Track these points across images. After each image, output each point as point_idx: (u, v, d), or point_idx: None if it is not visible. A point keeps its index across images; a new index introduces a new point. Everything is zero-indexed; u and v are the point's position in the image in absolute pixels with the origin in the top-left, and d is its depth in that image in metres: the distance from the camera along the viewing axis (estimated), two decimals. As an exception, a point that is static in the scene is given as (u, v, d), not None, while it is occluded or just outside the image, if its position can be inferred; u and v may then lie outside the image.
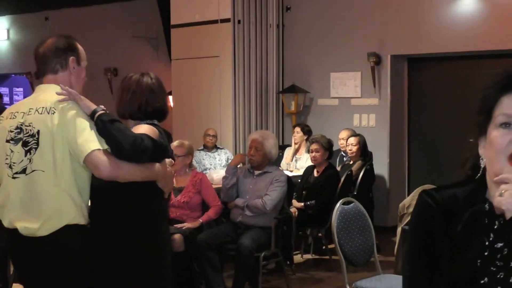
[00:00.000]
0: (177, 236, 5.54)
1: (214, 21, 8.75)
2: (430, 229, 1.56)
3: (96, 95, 3.45)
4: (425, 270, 1.57)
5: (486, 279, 1.48)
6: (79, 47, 3.23)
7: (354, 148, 7.45)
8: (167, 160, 3.15)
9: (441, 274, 1.54)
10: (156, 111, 3.25)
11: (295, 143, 8.20)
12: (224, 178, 5.93)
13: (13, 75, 14.08)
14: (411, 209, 5.40)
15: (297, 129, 8.22)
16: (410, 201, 5.45)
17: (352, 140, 7.51)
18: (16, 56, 13.29)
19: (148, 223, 3.10)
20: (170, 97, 9.96)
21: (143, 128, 3.09)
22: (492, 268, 1.49)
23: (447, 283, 1.53)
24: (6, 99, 14.84)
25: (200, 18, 8.82)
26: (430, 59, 8.54)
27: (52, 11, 12.37)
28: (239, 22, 8.69)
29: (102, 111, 2.92)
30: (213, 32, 8.76)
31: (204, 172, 6.57)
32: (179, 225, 5.69)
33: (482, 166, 1.54)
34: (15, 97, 14.90)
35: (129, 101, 3.25)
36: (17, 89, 15.04)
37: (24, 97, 13.89)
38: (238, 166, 6.11)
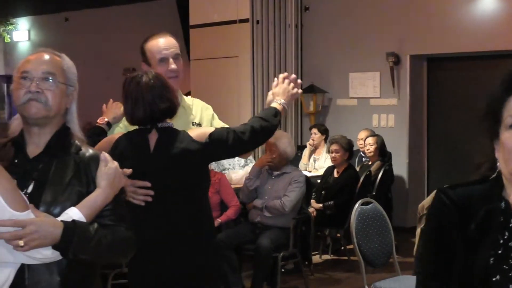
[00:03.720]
0: (195, 236, 5.56)
1: (233, 21, 8.76)
2: (444, 226, 1.57)
3: (116, 95, 3.43)
4: (438, 267, 1.57)
5: (498, 276, 1.49)
6: None
7: (372, 148, 7.44)
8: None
9: (454, 271, 1.54)
10: (164, 112, 3.01)
11: (311, 144, 8.17)
12: (248, 179, 5.93)
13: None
14: (430, 210, 5.38)
15: (314, 130, 8.20)
16: (429, 201, 5.41)
17: (370, 140, 7.49)
18: (36, 56, 13.39)
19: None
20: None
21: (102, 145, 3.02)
22: (505, 266, 1.49)
23: (460, 280, 1.53)
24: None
25: (218, 18, 8.84)
26: (449, 59, 8.48)
27: (72, 12, 12.45)
28: (257, 22, 8.70)
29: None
30: (231, 32, 8.77)
31: (223, 172, 6.57)
32: (197, 225, 5.71)
33: (498, 169, 1.54)
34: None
35: (132, 109, 3.01)
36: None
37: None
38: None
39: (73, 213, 2.04)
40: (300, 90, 3.31)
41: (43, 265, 2.04)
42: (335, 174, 6.86)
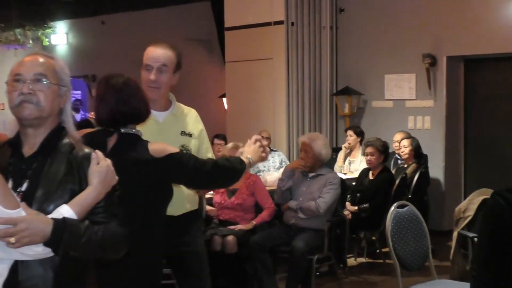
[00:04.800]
0: (230, 238, 5.58)
1: (268, 24, 8.77)
2: (501, 228, 1.54)
3: (152, 98, 3.48)
4: (493, 269, 1.55)
5: None
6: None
7: (407, 150, 7.38)
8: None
9: (509, 273, 1.52)
10: (125, 117, 2.95)
11: (346, 147, 8.14)
12: (280, 180, 5.94)
13: (71, 78, 14.36)
14: (467, 213, 5.32)
15: (350, 132, 8.16)
16: (466, 205, 5.37)
17: (405, 142, 7.44)
18: (74, 59, 13.59)
19: None
20: (224, 100, 10.04)
21: None
22: None
23: None
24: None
25: (253, 21, 8.85)
26: (487, 60, 8.36)
27: (108, 15, 12.61)
28: (292, 24, 8.69)
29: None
30: (266, 35, 8.78)
31: (258, 174, 6.59)
32: (232, 227, 5.73)
33: None
34: (72, 99, 15.22)
35: (96, 108, 2.98)
36: (75, 92, 15.37)
37: (82, 99, 14.20)
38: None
39: (64, 211, 2.09)
40: (266, 155, 3.40)
41: (37, 261, 2.08)
42: (371, 177, 6.82)
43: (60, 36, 13.73)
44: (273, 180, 6.60)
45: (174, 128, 3.51)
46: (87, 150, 2.28)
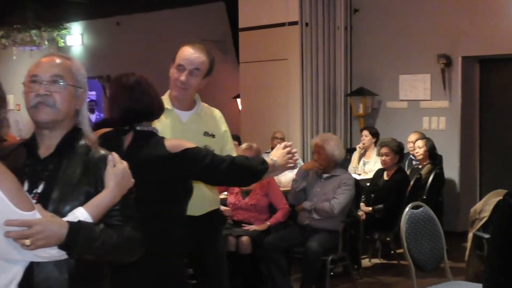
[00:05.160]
0: (244, 239, 5.59)
1: (282, 24, 8.77)
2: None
3: (166, 99, 3.49)
4: (505, 271, 1.54)
5: None
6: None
7: (421, 151, 7.36)
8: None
9: None
10: (139, 115, 2.97)
11: (361, 147, 8.13)
12: (294, 181, 5.94)
13: (87, 79, 14.44)
14: (483, 214, 5.29)
15: (365, 132, 8.16)
16: (482, 206, 5.33)
17: (420, 143, 7.42)
18: (89, 60, 13.64)
19: None
20: (238, 100, 10.04)
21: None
22: None
23: None
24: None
25: (267, 21, 8.86)
26: (502, 60, 8.31)
27: (123, 16, 12.66)
28: (306, 24, 8.69)
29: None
30: (281, 35, 8.78)
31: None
32: (246, 227, 5.74)
33: None
34: (87, 100, 15.28)
35: (109, 108, 3.01)
36: (90, 93, 15.47)
37: (97, 100, 14.28)
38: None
39: (80, 213, 2.07)
40: (296, 166, 3.33)
41: (52, 263, 2.07)
42: (385, 177, 6.80)
43: (75, 37, 13.80)
44: (287, 180, 6.60)
45: (197, 128, 3.49)
46: (103, 152, 2.26)
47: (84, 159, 2.21)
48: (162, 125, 3.32)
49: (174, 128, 3.35)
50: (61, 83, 2.22)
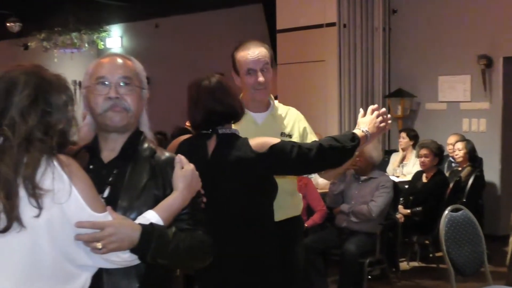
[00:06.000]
0: (281, 240, 5.58)
1: (320, 26, 8.74)
2: None
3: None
4: None
5: None
6: None
7: (461, 153, 7.27)
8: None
9: None
10: (222, 117, 2.93)
11: (402, 149, 8.07)
12: (332, 183, 5.91)
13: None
14: (524, 218, 5.20)
15: (403, 134, 8.09)
16: (523, 209, 5.25)
17: (459, 145, 7.33)
18: (128, 62, 13.80)
19: None
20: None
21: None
22: None
23: None
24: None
25: (305, 23, 8.84)
26: (545, 61, 8.18)
27: (162, 19, 12.76)
28: (344, 26, 8.65)
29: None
30: (318, 37, 8.76)
31: (309, 176, 6.57)
32: (283, 229, 5.73)
33: None
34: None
35: (192, 113, 2.96)
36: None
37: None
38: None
39: (151, 216, 2.00)
40: (388, 126, 3.14)
41: (121, 270, 1.99)
42: (424, 180, 6.74)
43: (115, 39, 13.95)
44: (324, 182, 6.57)
45: (273, 130, 3.38)
46: (168, 154, 2.20)
47: (150, 162, 2.14)
48: (239, 129, 3.27)
49: (250, 131, 3.23)
50: (130, 85, 2.15)
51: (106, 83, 2.13)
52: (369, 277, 5.94)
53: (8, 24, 13.73)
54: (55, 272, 1.85)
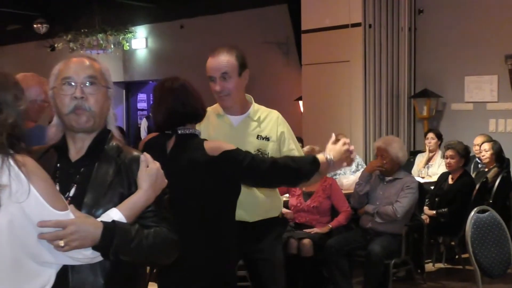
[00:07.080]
0: (306, 241, 5.58)
1: (345, 26, 8.72)
2: None
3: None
4: None
5: None
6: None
7: (487, 154, 7.20)
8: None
9: None
10: (183, 117, 2.98)
11: (430, 150, 7.99)
12: (358, 184, 5.90)
13: (150, 82, 14.71)
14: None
15: (431, 135, 8.01)
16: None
17: (486, 146, 7.26)
18: (153, 63, 13.88)
19: None
20: (300, 103, 10.03)
21: None
22: None
23: None
24: (143, 105, 15.53)
25: (330, 23, 8.82)
26: None
27: (187, 19, 12.82)
28: (370, 26, 8.61)
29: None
30: (343, 37, 8.73)
31: (334, 177, 6.56)
32: (308, 230, 5.73)
33: None
34: (151, 103, 15.51)
35: (155, 113, 3.03)
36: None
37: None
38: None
39: (114, 214, 2.02)
40: (351, 161, 3.14)
41: (87, 267, 2.03)
42: (450, 181, 6.69)
43: (140, 40, 14.05)
44: (349, 183, 6.56)
45: (250, 132, 3.44)
46: (135, 153, 2.23)
47: (116, 160, 2.17)
48: (215, 131, 3.34)
49: (225, 133, 3.32)
50: (95, 85, 2.18)
51: (72, 83, 2.16)
52: (394, 278, 5.91)
53: (35, 26, 13.92)
54: (16, 270, 1.87)
